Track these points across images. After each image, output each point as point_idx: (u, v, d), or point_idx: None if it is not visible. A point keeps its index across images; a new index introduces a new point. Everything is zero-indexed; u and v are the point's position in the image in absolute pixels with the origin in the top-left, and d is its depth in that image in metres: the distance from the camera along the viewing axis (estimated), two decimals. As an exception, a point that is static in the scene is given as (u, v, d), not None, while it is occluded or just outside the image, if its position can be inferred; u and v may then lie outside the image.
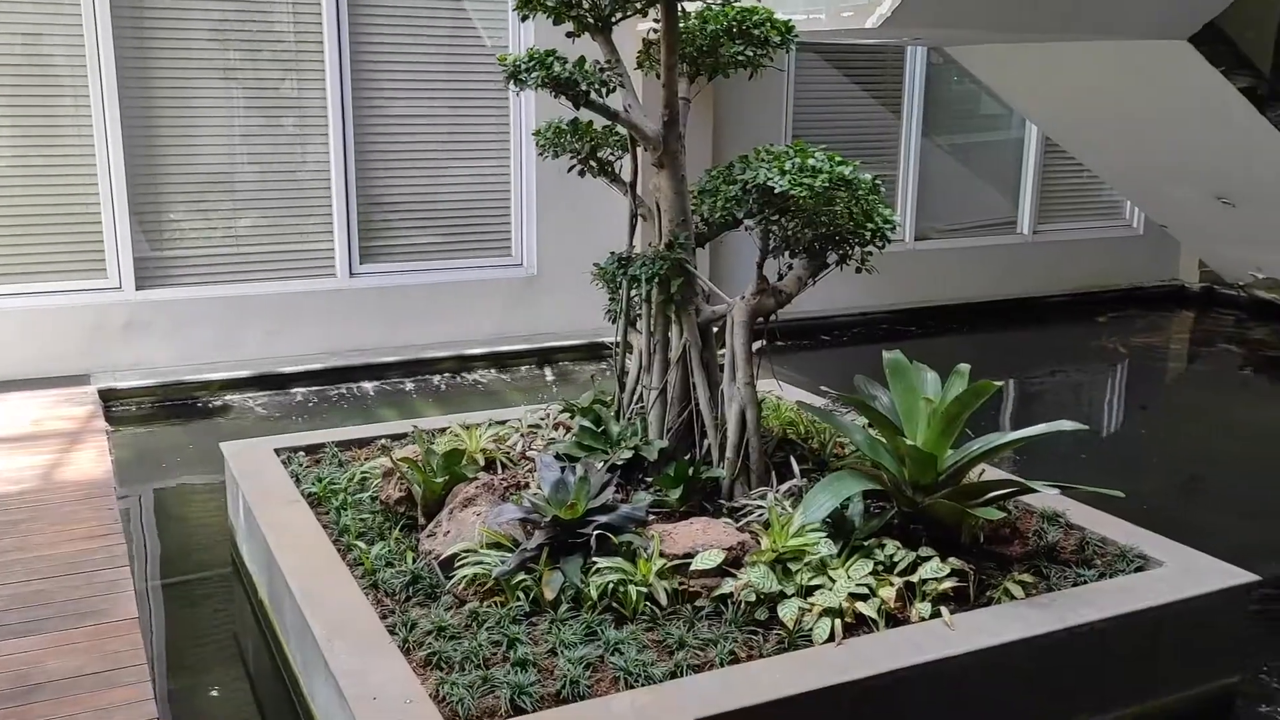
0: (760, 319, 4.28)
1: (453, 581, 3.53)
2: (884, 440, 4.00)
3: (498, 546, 3.62)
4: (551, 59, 4.02)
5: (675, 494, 4.04)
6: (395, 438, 4.99)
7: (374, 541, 3.91)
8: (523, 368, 8.08)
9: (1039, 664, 3.35)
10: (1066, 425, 3.95)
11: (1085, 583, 3.63)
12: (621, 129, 4.42)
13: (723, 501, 4.11)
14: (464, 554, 3.60)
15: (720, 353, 4.37)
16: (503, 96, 8.13)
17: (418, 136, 8.04)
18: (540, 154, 4.63)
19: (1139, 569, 3.76)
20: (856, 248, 4.19)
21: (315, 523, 4.08)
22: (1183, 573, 3.71)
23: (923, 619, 3.37)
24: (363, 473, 4.48)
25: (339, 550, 3.86)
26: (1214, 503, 5.85)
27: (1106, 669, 3.48)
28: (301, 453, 4.84)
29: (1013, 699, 3.35)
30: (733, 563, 3.57)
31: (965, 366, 4.15)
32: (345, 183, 7.79)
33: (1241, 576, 3.71)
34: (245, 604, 4.43)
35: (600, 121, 4.39)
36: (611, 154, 4.64)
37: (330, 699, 3.14)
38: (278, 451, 4.83)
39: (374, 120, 7.87)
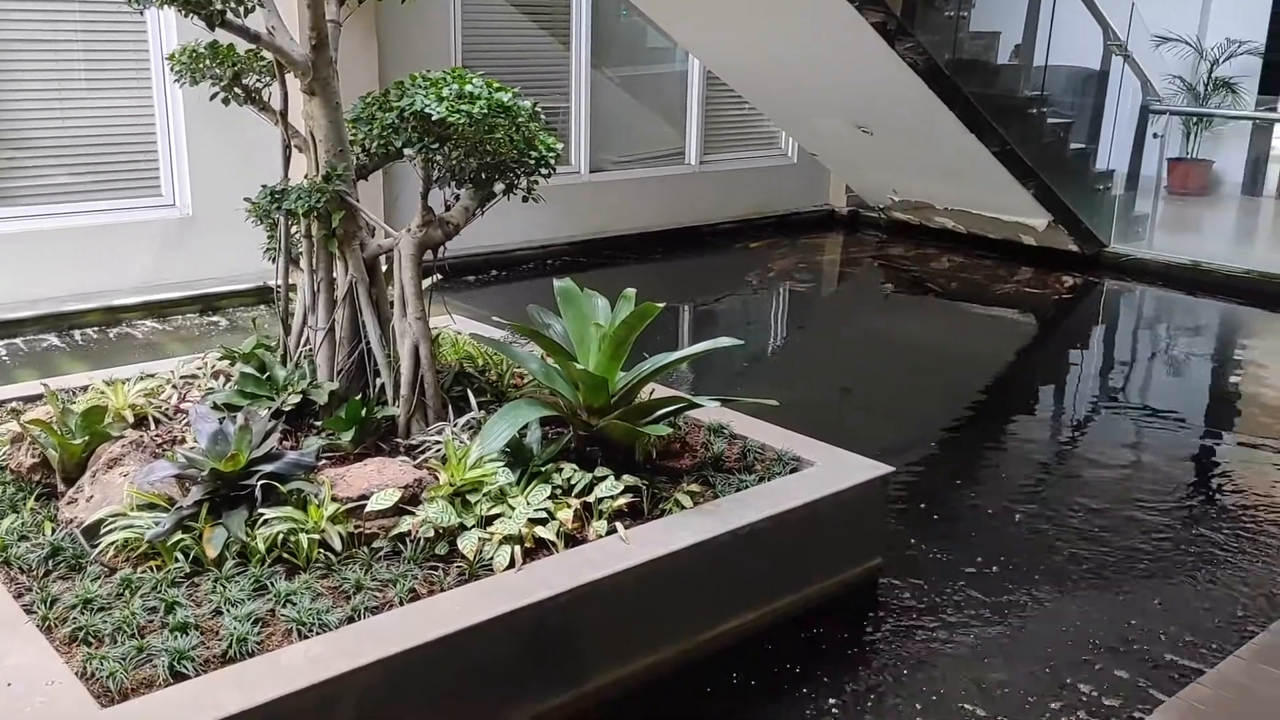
0: (429, 252, 4.18)
1: (99, 550, 3.24)
2: (558, 367, 4.05)
3: (151, 508, 3.34)
4: (179, -27, 3.66)
5: (348, 436, 3.90)
6: (29, 400, 4.47)
7: (4, 515, 3.51)
8: (183, 316, 7.50)
9: (707, 567, 3.55)
10: (725, 342, 4.18)
11: (746, 487, 3.87)
12: (268, 54, 4.13)
13: (399, 440, 4.02)
14: (111, 519, 3.30)
15: (390, 289, 4.24)
16: (139, 18, 7.38)
17: (40, 62, 7.14)
18: (177, 80, 4.25)
19: (793, 470, 4.06)
20: (523, 177, 4.18)
21: (-71, 501, 3.60)
22: (830, 470, 4.05)
23: (600, 537, 3.47)
24: (-12, 441, 3.99)
25: (-39, 529, 3.43)
26: (859, 407, 6.42)
27: (768, 564, 3.75)
28: (-90, 424, 4.24)
29: (685, 603, 3.54)
30: (411, 500, 3.51)
31: (631, 291, 4.27)
32: (-49, 116, 6.83)
33: (879, 469, 4.09)
34: None
35: (244, 45, 4.08)
36: (259, 80, 4.34)
37: (-44, 693, 2.79)
38: (-121, 425, 4.21)
39: (-18, 44, 6.93)
